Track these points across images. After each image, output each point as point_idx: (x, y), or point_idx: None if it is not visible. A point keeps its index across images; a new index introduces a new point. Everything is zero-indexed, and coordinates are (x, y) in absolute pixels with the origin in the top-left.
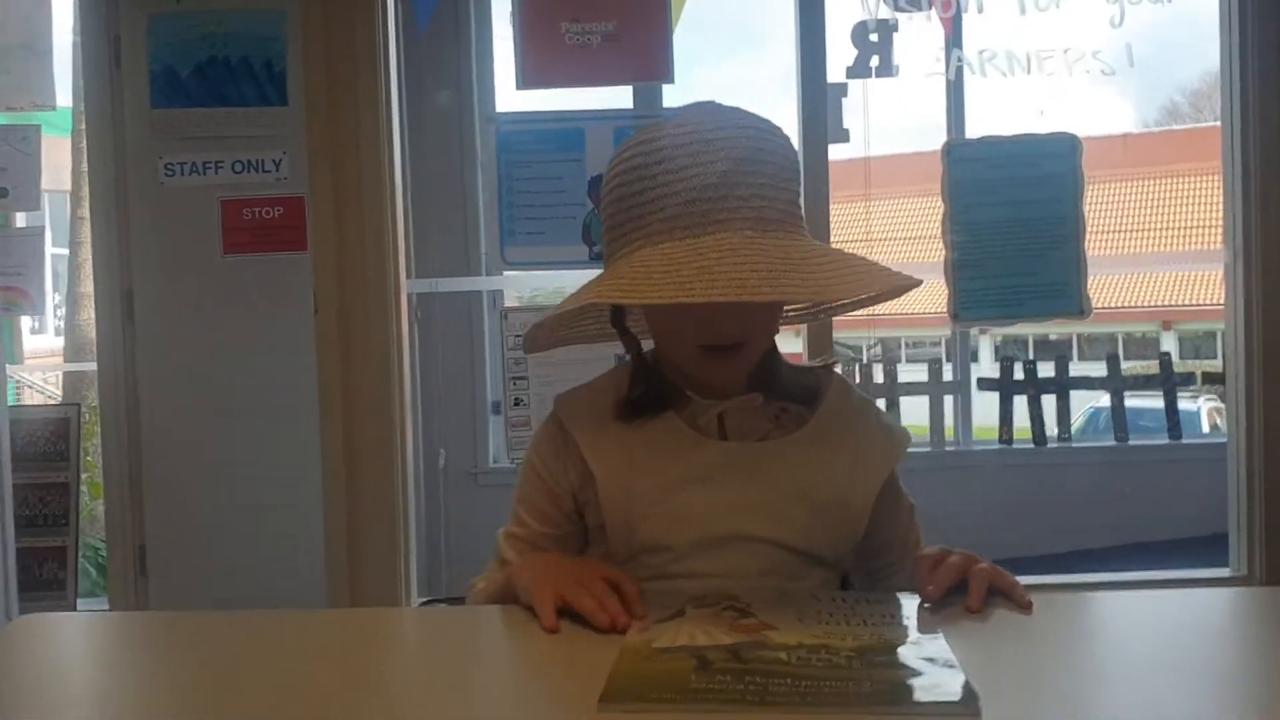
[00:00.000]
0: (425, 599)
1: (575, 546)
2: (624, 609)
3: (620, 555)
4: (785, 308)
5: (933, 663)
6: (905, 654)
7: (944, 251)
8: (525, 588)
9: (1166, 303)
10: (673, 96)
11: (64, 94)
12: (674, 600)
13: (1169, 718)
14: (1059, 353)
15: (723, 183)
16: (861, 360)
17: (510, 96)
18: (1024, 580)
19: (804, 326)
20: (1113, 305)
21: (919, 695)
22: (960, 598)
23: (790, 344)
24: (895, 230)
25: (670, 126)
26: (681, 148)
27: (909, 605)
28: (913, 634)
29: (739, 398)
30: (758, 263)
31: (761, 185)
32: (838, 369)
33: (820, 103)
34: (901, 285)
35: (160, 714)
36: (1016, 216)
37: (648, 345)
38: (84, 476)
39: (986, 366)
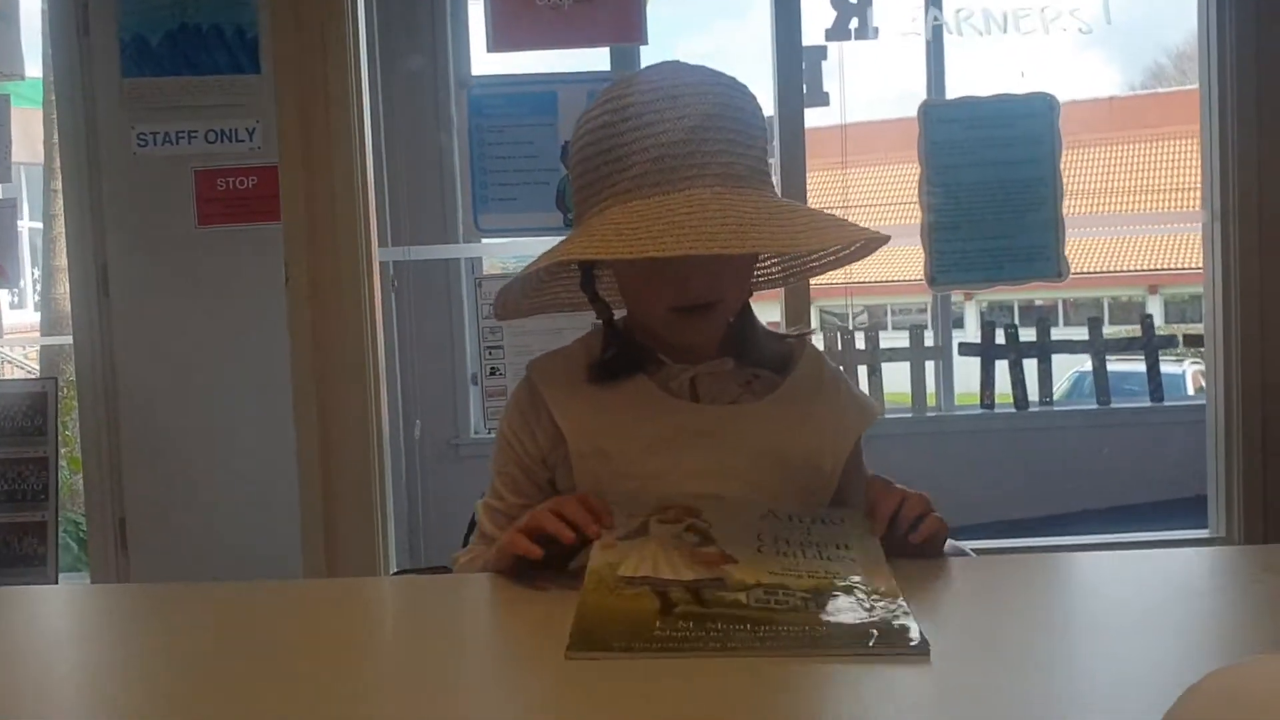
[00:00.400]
0: (398, 570)
1: None
2: (591, 519)
3: None
4: (757, 271)
5: (884, 607)
6: (859, 597)
7: (920, 215)
8: (504, 544)
9: (1152, 267)
10: (650, 60)
11: (34, 64)
12: (638, 509)
13: (1131, 672)
14: (1044, 318)
15: (690, 138)
16: (847, 328)
17: (485, 60)
18: (1003, 544)
19: (782, 295)
20: (1098, 270)
21: (872, 641)
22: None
23: (770, 312)
24: (873, 197)
25: (636, 84)
26: (648, 105)
27: (860, 534)
28: (863, 571)
29: (711, 362)
30: (728, 217)
31: (730, 141)
32: (815, 339)
33: (795, 66)
34: (872, 241)
35: (140, 686)
36: (994, 178)
37: (620, 314)
38: (63, 451)
39: (972, 333)
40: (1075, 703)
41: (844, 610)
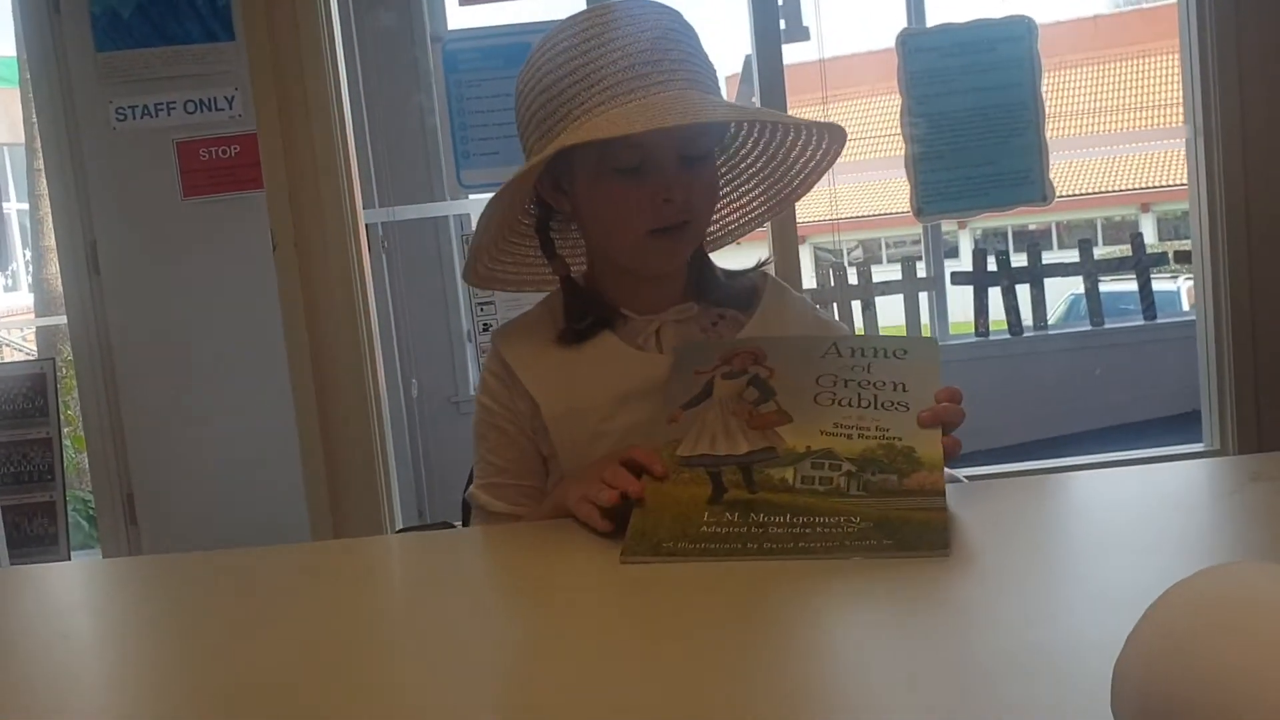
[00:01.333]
0: (403, 528)
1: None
2: (634, 478)
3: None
4: (741, 212)
5: (919, 497)
6: (900, 467)
7: (904, 146)
8: (562, 506)
9: (1144, 185)
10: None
11: (8, 43)
12: (708, 357)
13: (1107, 585)
14: (1034, 243)
15: (656, 47)
16: (842, 264)
17: (461, 14)
18: (1001, 468)
19: (769, 234)
20: (1091, 191)
21: (900, 536)
22: None
23: (759, 251)
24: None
25: (588, 15)
26: (609, 25)
27: (922, 364)
28: (912, 429)
29: (675, 309)
30: (705, 100)
31: (690, 53)
32: (769, 270)
33: (772, 2)
34: (836, 133)
35: (155, 655)
36: (975, 105)
37: (579, 270)
38: (67, 430)
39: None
40: (1051, 619)
41: (883, 494)
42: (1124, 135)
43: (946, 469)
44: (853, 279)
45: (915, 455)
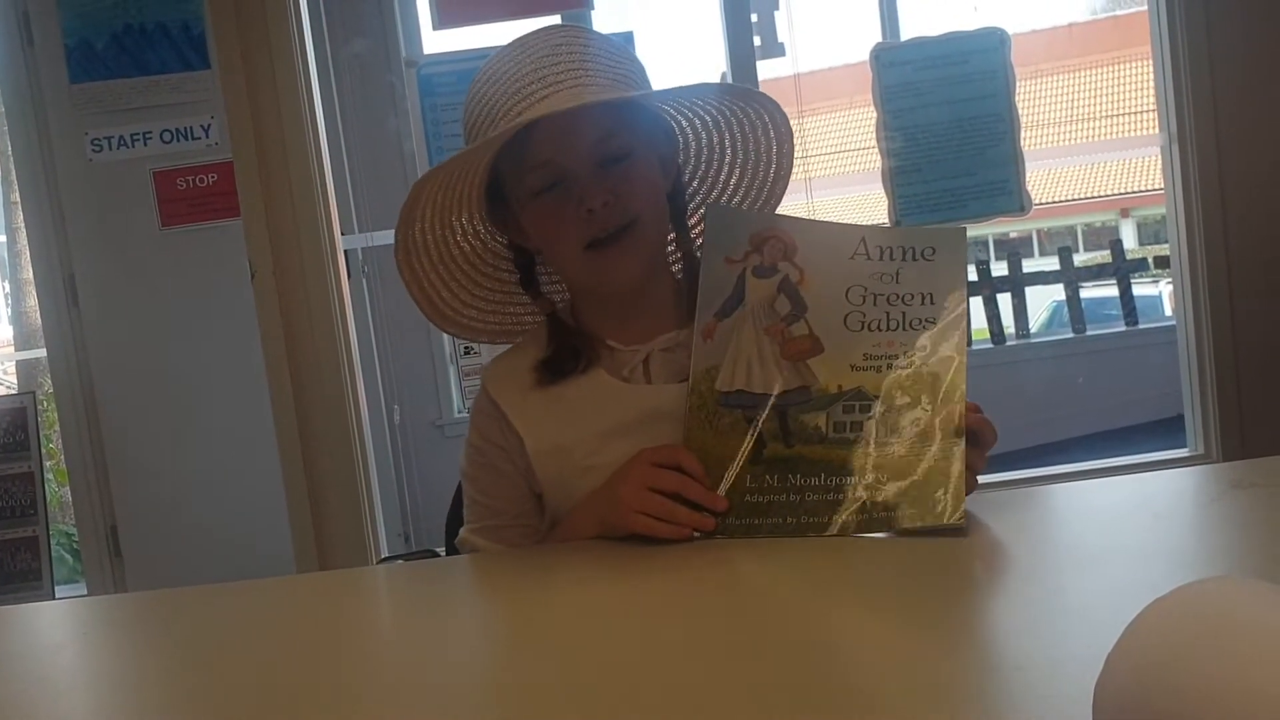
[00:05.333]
0: (384, 557)
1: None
2: (695, 510)
3: (558, 517)
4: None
5: (944, 438)
6: (928, 405)
7: (880, 160)
8: (584, 527)
9: (1123, 191)
10: (603, 26)
11: None
12: (740, 229)
13: (1086, 600)
14: (1014, 251)
15: (539, 66)
16: None
17: (436, 38)
18: (985, 478)
19: None
20: (1070, 198)
21: (920, 504)
22: None
23: None
24: (832, 144)
25: (494, 55)
26: (499, 57)
27: (949, 265)
28: (938, 346)
29: (662, 338)
30: (583, 94)
31: (580, 61)
32: None
33: (745, 19)
34: (763, 99)
35: (140, 695)
36: (950, 117)
37: (564, 301)
38: (49, 464)
39: None
40: (1033, 635)
41: (908, 435)
42: (1100, 144)
43: None
44: None
45: (940, 383)
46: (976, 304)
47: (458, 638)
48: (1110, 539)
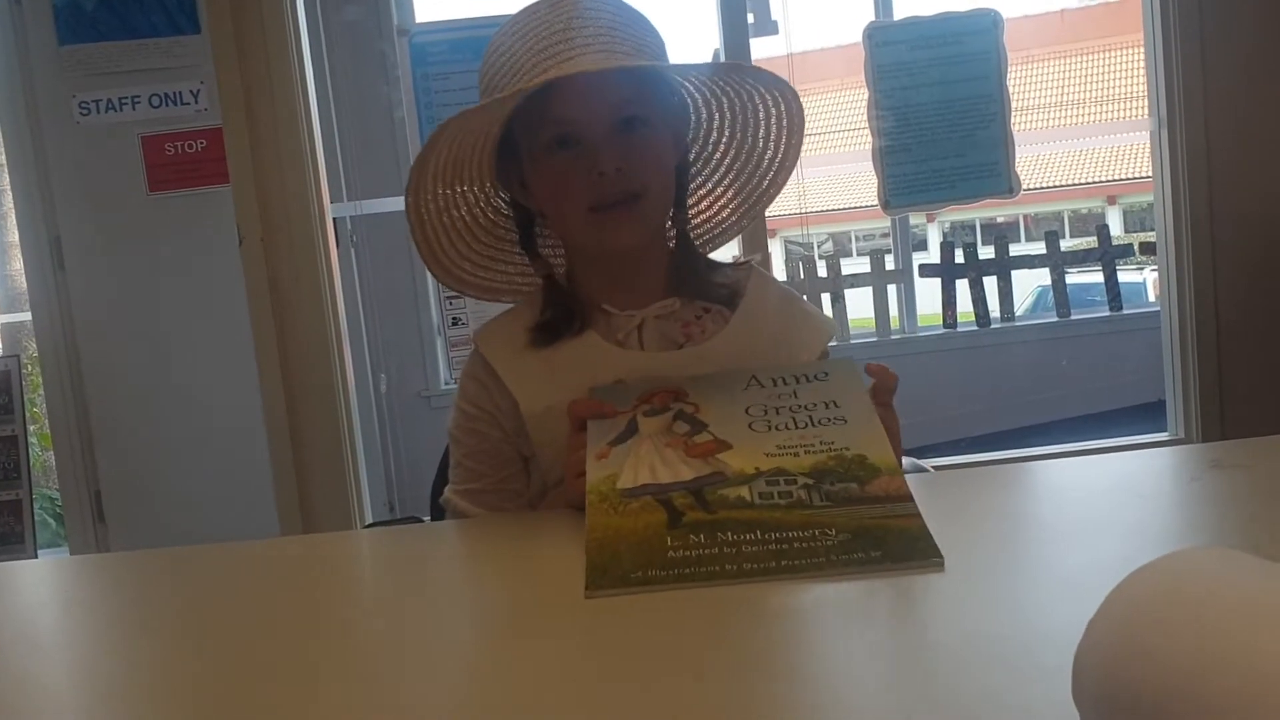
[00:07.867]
0: (371, 523)
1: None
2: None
3: (551, 479)
4: (712, 221)
5: (889, 500)
6: (858, 476)
7: (871, 139)
8: (569, 500)
9: (1111, 178)
10: None
11: None
12: (624, 399)
13: (1068, 573)
14: (1001, 235)
15: (570, 27)
16: (812, 257)
17: (429, 6)
18: (970, 458)
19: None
20: (1058, 184)
21: (887, 546)
22: None
23: (729, 246)
24: (825, 124)
25: (518, 12)
26: (527, 14)
27: (846, 384)
28: (855, 434)
29: (657, 304)
30: (610, 59)
31: (609, 27)
32: (758, 262)
33: None
34: (788, 92)
35: (123, 653)
36: (942, 98)
37: (560, 268)
38: (33, 428)
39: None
40: (1012, 608)
41: (850, 502)
42: (1090, 128)
43: (912, 459)
44: (822, 272)
45: (869, 461)
46: (962, 286)
47: (440, 601)
48: (1091, 515)
